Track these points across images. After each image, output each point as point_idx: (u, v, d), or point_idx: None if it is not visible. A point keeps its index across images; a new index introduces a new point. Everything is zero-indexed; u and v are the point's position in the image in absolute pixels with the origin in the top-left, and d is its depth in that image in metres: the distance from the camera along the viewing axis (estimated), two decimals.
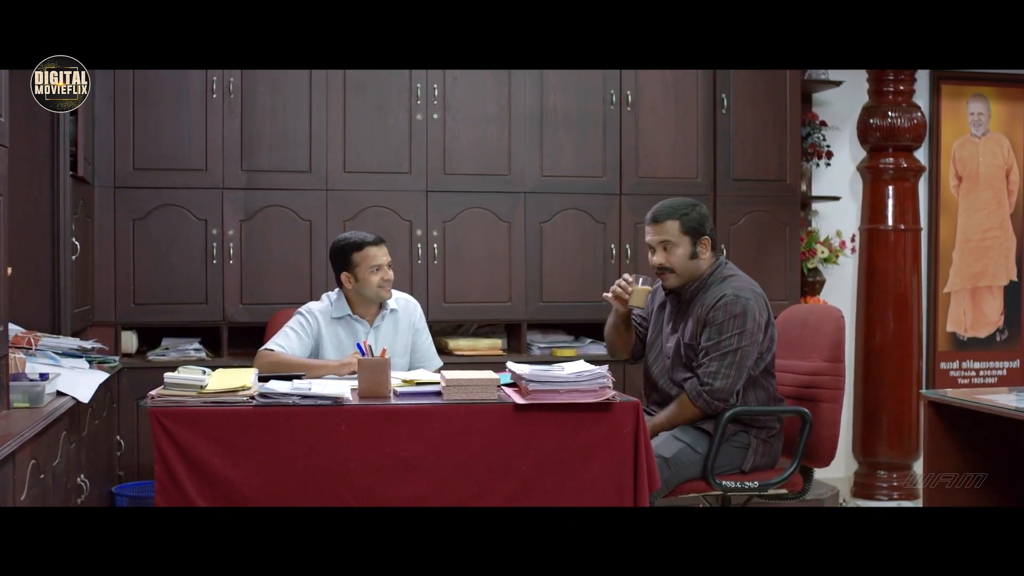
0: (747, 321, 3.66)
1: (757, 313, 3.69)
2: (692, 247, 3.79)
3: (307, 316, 4.12)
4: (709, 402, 3.66)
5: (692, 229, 3.79)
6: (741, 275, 3.84)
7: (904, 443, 5.71)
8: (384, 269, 4.11)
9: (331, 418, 3.18)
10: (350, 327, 4.12)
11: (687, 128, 5.32)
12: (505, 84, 5.12)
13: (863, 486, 5.80)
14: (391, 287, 4.16)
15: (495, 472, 3.24)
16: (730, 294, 3.69)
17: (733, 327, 3.65)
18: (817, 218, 6.00)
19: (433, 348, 4.32)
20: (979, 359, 6.21)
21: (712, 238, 3.83)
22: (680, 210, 3.82)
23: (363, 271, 4.08)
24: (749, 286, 3.77)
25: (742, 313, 3.66)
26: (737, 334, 3.65)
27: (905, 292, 5.72)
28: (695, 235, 3.79)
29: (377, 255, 4.10)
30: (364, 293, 4.11)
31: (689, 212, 3.81)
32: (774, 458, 3.83)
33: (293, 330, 4.07)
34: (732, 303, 3.67)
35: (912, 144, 5.75)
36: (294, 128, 4.94)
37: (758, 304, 3.72)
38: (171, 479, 3.09)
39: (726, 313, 3.66)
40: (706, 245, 3.80)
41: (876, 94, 5.75)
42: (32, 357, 3.57)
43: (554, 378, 3.29)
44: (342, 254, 4.12)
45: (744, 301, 3.67)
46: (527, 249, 5.17)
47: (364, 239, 4.13)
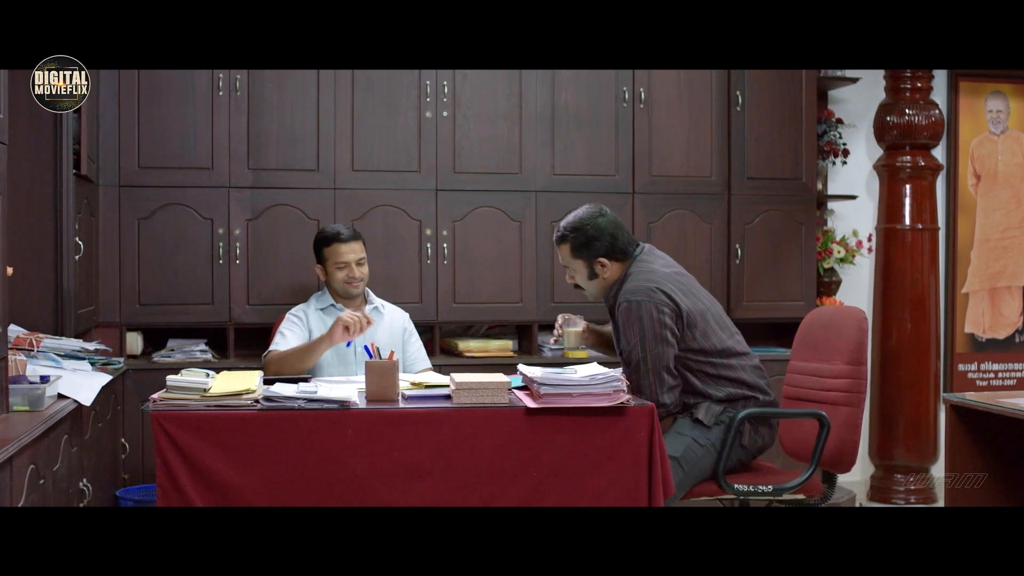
0: (643, 325, 3.53)
1: (654, 311, 3.53)
2: (588, 269, 3.69)
3: (296, 313, 4.27)
4: (662, 416, 3.49)
5: (582, 253, 3.67)
6: (639, 270, 3.64)
7: (921, 446, 5.64)
8: (351, 267, 4.22)
9: (337, 422, 3.12)
10: (334, 315, 4.20)
11: (701, 126, 5.25)
12: (516, 81, 5.06)
13: (879, 489, 5.73)
14: (363, 285, 4.27)
15: (506, 478, 3.17)
16: (622, 301, 3.58)
17: (632, 336, 3.54)
18: (833, 217, 5.92)
19: (423, 350, 4.39)
20: (998, 361, 6.14)
21: (612, 253, 3.65)
22: (569, 232, 3.68)
23: (331, 266, 4.24)
24: (644, 283, 3.58)
25: (636, 319, 3.53)
26: (638, 342, 3.53)
27: (922, 293, 5.65)
28: (587, 258, 3.67)
29: (344, 252, 4.22)
30: (332, 286, 4.28)
31: (579, 231, 3.66)
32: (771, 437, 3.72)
33: (288, 329, 4.19)
34: (625, 311, 3.56)
35: (930, 142, 5.68)
36: (301, 126, 4.88)
37: (654, 300, 3.54)
38: (173, 484, 3.04)
39: (623, 322, 3.56)
40: (603, 264, 3.67)
41: (893, 91, 5.68)
42: (33, 359, 3.53)
43: (566, 381, 3.22)
44: (316, 246, 4.32)
45: (636, 305, 3.54)
46: (538, 249, 5.10)
47: (336, 234, 4.26)
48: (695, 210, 5.26)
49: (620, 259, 3.68)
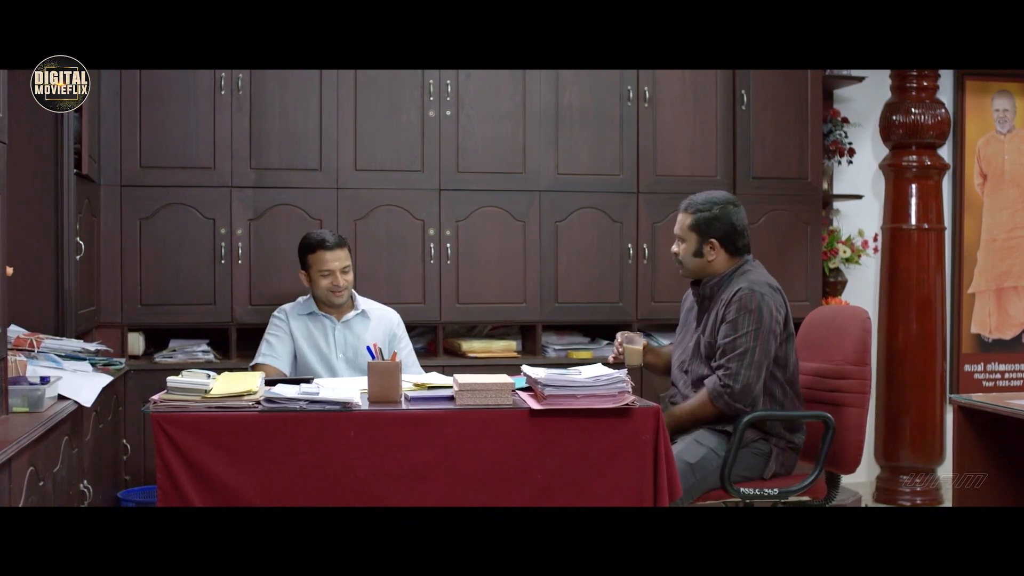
0: (762, 316, 3.56)
1: (774, 308, 3.60)
2: (697, 245, 3.73)
3: (278, 316, 4.28)
4: (729, 403, 3.56)
5: (700, 228, 3.72)
6: (762, 271, 3.75)
7: (927, 447, 5.61)
8: (335, 275, 4.20)
9: (339, 424, 3.09)
10: (318, 321, 4.26)
11: (706, 125, 5.22)
12: (520, 80, 5.03)
13: (885, 491, 5.70)
14: (347, 293, 4.25)
15: (510, 480, 3.15)
16: (744, 288, 3.61)
17: (748, 323, 3.56)
18: (839, 217, 5.89)
19: (413, 355, 4.36)
20: (1004, 361, 6.10)
21: (726, 242, 3.72)
22: (699, 205, 3.76)
23: (315, 273, 4.23)
24: (766, 280, 3.68)
25: (756, 309, 3.57)
26: (752, 331, 3.55)
27: (928, 293, 5.62)
28: (702, 235, 3.73)
29: (329, 260, 4.20)
30: (315, 294, 4.26)
31: (708, 210, 3.74)
32: (792, 463, 3.74)
33: (272, 335, 4.23)
34: (747, 297, 3.58)
35: (936, 141, 5.65)
36: (304, 125, 4.85)
37: (774, 300, 3.62)
38: (174, 487, 3.02)
39: (740, 308, 3.58)
40: (713, 247, 3.72)
41: (899, 90, 5.66)
42: (34, 360, 3.50)
43: (571, 382, 3.20)
44: (301, 252, 4.29)
45: (759, 296, 3.58)
46: (542, 249, 5.07)
47: (321, 241, 4.23)
48: None
49: (729, 251, 3.74)
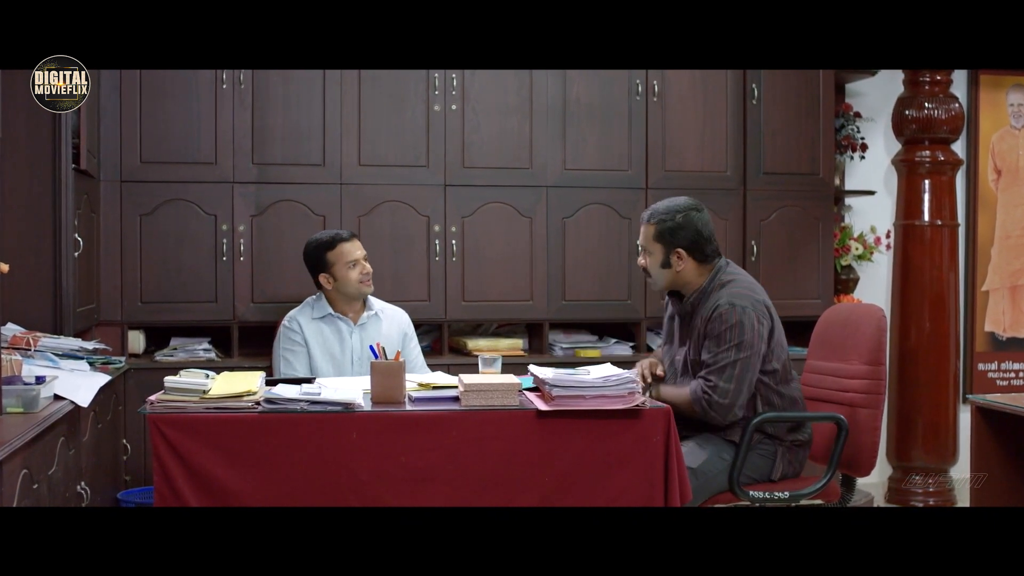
0: (744, 331, 3.46)
1: (756, 321, 3.49)
2: (664, 256, 3.62)
3: (290, 328, 4.20)
4: (706, 410, 3.48)
5: (664, 238, 3.61)
6: (741, 279, 3.62)
7: (941, 447, 5.55)
8: (361, 263, 4.19)
9: (341, 425, 3.04)
10: (333, 325, 4.20)
11: (716, 120, 5.15)
12: (526, 75, 4.97)
13: (897, 491, 5.63)
14: (371, 280, 4.22)
15: (516, 483, 3.09)
16: (724, 303, 3.49)
17: (730, 338, 3.46)
18: (851, 213, 5.82)
19: (421, 357, 4.36)
20: (1019, 360, 6.03)
21: (693, 250, 3.60)
22: (661, 215, 3.64)
23: (340, 269, 4.17)
24: (747, 292, 3.56)
25: (738, 323, 3.46)
26: (734, 346, 3.46)
27: (942, 290, 5.54)
28: (667, 245, 3.61)
29: (351, 250, 4.19)
30: (345, 291, 4.19)
31: (671, 219, 3.62)
32: (801, 461, 3.67)
33: (288, 350, 4.16)
34: (727, 313, 3.47)
35: (949, 136, 5.57)
36: (307, 120, 4.79)
37: (757, 311, 3.51)
38: (171, 489, 2.97)
39: (722, 324, 3.47)
40: (681, 256, 3.60)
41: (912, 84, 5.58)
42: (30, 359, 3.45)
43: (579, 383, 3.14)
44: (316, 256, 4.21)
45: (740, 310, 3.47)
46: (549, 245, 5.01)
47: (336, 236, 4.21)
48: (710, 206, 5.01)
49: (698, 259, 3.61)
